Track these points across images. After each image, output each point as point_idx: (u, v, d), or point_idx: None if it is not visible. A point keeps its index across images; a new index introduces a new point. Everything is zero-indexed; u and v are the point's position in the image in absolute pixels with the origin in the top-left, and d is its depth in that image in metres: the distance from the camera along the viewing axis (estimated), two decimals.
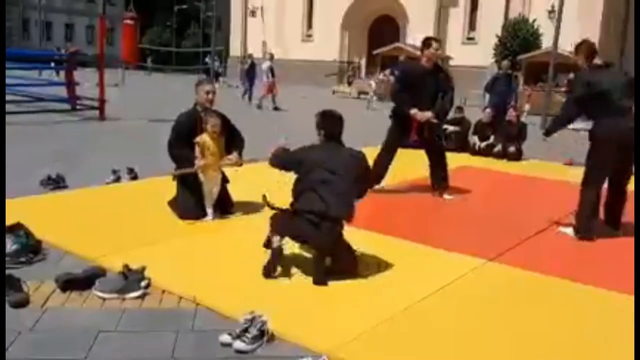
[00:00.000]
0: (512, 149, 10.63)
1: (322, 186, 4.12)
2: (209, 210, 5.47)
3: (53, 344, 3.09)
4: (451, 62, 28.42)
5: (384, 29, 35.39)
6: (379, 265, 4.51)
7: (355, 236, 5.20)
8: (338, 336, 3.26)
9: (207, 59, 32.63)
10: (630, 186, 5.78)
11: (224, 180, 5.65)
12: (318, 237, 4.10)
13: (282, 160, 4.59)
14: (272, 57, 21.02)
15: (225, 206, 5.66)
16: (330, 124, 4.40)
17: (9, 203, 5.13)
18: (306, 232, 4.12)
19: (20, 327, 3.23)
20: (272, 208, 4.38)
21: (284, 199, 4.40)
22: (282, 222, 4.20)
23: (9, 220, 4.41)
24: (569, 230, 5.63)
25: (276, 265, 4.15)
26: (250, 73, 21.71)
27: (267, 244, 4.24)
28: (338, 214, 4.13)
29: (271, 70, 20.13)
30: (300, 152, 4.42)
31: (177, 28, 55.44)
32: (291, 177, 4.43)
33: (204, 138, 5.38)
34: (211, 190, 5.47)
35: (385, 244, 5.06)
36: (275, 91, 19.83)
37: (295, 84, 22.04)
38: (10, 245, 4.20)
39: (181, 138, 5.48)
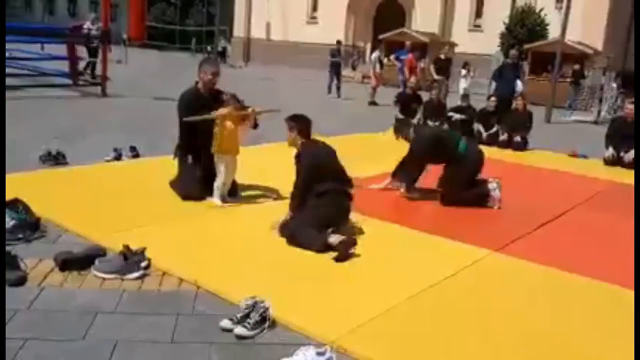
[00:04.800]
0: (517, 138, 10.51)
1: None
2: (219, 196, 5.34)
3: (50, 324, 3.03)
4: (457, 49, 28.22)
5: (390, 13, 35.06)
6: (384, 254, 4.45)
7: (363, 224, 5.15)
8: (341, 325, 3.20)
9: (220, 41, 31.59)
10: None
11: None
12: None
13: None
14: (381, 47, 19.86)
15: (231, 189, 5.55)
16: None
17: (8, 178, 5.05)
18: None
19: (17, 306, 3.17)
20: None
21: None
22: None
23: (8, 196, 4.33)
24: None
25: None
26: (338, 63, 19.18)
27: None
28: None
29: (379, 60, 18.99)
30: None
31: (181, 6, 54.96)
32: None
33: (229, 125, 5.21)
34: (231, 176, 5.35)
35: (390, 233, 5.01)
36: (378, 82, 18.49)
37: (298, 67, 21.73)
38: (8, 221, 4.12)
39: (190, 111, 5.31)
